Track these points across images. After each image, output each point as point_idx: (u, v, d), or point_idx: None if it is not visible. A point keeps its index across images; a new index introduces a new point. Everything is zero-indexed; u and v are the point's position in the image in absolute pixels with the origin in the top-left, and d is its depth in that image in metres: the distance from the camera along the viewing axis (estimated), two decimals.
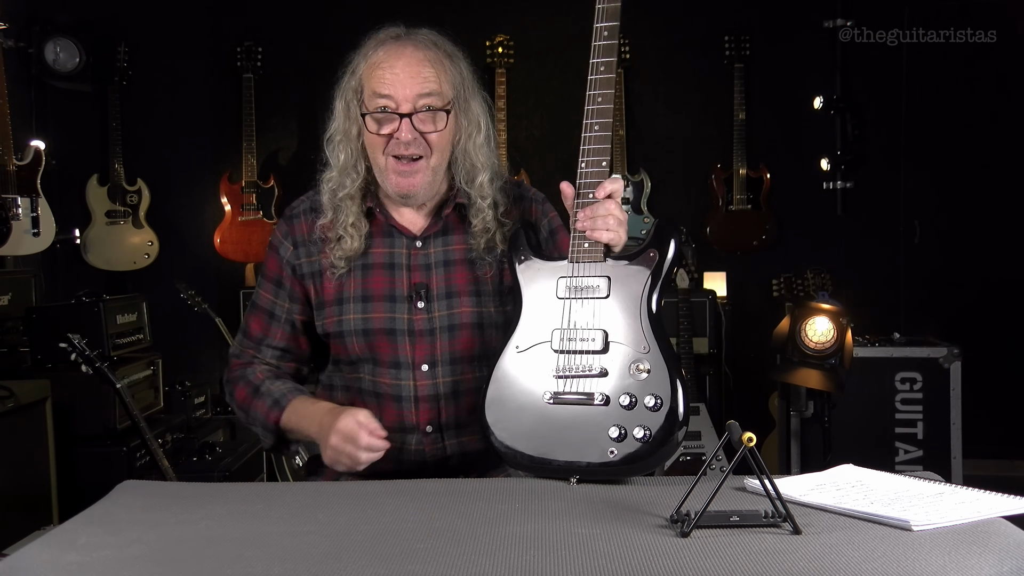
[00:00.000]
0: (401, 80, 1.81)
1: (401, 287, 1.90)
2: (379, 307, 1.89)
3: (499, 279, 1.92)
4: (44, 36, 4.31)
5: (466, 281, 1.91)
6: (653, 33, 5.04)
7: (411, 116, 1.81)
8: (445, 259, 1.92)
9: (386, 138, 1.83)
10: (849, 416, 3.89)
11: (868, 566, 1.22)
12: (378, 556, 1.30)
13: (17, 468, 3.06)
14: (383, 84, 1.82)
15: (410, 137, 1.82)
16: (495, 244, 1.91)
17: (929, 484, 1.57)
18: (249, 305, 2.02)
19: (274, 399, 1.91)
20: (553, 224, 1.99)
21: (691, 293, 4.29)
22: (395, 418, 1.90)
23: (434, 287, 1.90)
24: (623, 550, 1.30)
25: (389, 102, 1.82)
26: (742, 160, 4.88)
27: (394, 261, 1.91)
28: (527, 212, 1.97)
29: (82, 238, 4.64)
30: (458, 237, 1.93)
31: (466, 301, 1.90)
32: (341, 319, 1.90)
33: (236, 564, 1.28)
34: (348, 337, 1.90)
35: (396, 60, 1.83)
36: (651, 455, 1.63)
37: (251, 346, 1.99)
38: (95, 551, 1.34)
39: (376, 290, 1.90)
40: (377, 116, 1.83)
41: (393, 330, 1.89)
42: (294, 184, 4.87)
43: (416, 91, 1.82)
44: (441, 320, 1.89)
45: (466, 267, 1.92)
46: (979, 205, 4.86)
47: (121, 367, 3.43)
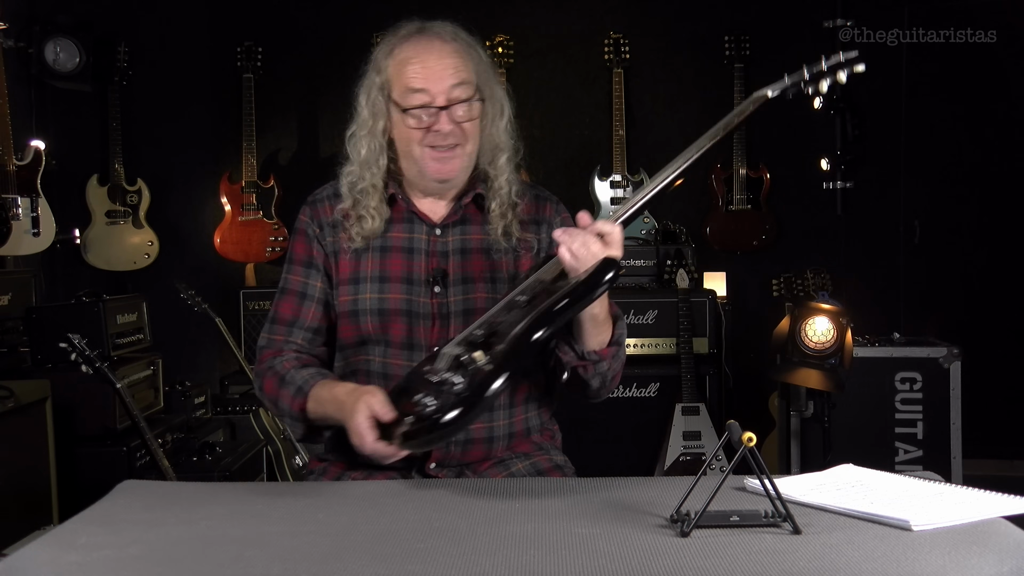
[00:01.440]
0: (436, 73, 1.84)
1: (419, 271, 1.92)
2: (396, 288, 1.91)
3: (514, 268, 1.95)
4: (44, 36, 4.30)
5: (482, 268, 1.94)
6: (653, 33, 5.04)
7: (447, 108, 1.84)
8: (463, 247, 1.95)
9: (424, 131, 1.86)
10: (849, 416, 3.89)
11: (868, 566, 1.22)
12: (378, 556, 1.30)
13: (17, 468, 3.06)
14: (417, 79, 1.84)
15: (448, 129, 1.85)
16: (511, 232, 1.93)
17: (929, 484, 1.57)
18: (277, 293, 2.00)
19: (297, 386, 1.89)
20: (567, 223, 1.98)
21: (691, 293, 4.29)
22: None
23: (451, 273, 1.93)
24: (623, 550, 1.30)
25: (425, 96, 1.84)
26: (742, 160, 4.88)
27: (413, 246, 1.94)
28: (542, 209, 2.00)
29: (82, 238, 4.64)
30: (476, 227, 1.96)
31: (481, 287, 1.92)
32: (356, 298, 1.92)
33: (236, 564, 1.28)
34: (363, 316, 1.91)
35: (427, 54, 1.85)
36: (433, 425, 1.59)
37: (281, 332, 1.97)
38: (95, 551, 1.34)
39: (394, 271, 1.92)
40: (416, 112, 1.84)
41: (410, 312, 1.91)
42: (294, 184, 4.87)
43: (450, 83, 1.84)
44: (456, 305, 1.91)
45: (482, 255, 1.94)
46: (979, 205, 4.86)
47: (121, 367, 3.43)
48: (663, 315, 4.30)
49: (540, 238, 1.97)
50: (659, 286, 4.44)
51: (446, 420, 1.52)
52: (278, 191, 4.90)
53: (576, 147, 5.01)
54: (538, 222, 1.98)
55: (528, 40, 4.95)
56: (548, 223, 1.98)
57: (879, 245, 4.91)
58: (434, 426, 1.54)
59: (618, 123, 4.87)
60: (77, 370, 3.11)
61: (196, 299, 4.24)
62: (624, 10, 5.06)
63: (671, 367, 4.23)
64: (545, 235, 1.97)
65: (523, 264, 1.94)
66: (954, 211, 4.88)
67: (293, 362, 1.94)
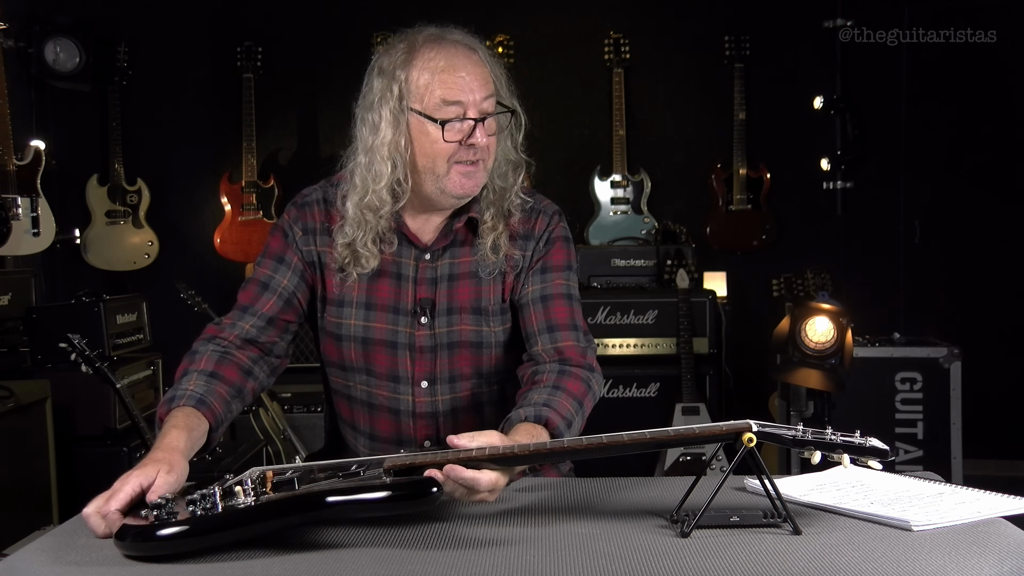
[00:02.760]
0: (470, 85, 1.75)
1: (406, 300, 1.86)
2: (382, 317, 1.85)
3: (500, 296, 1.88)
4: (44, 36, 4.31)
5: (468, 297, 1.87)
6: (653, 33, 5.04)
7: (483, 121, 1.77)
8: (451, 272, 1.87)
9: (455, 145, 1.76)
10: (849, 416, 3.88)
11: (868, 566, 1.22)
12: (378, 556, 1.30)
13: (17, 468, 3.06)
14: (453, 91, 1.75)
15: (484, 142, 1.77)
16: (500, 246, 1.85)
17: (929, 484, 1.57)
18: (243, 283, 1.93)
19: (174, 395, 1.72)
20: (553, 235, 1.92)
21: (691, 293, 4.29)
22: (392, 430, 1.89)
23: (437, 302, 1.86)
24: (623, 550, 1.30)
25: (459, 109, 1.75)
26: (742, 160, 4.88)
27: (401, 272, 1.87)
28: (533, 224, 1.92)
29: (82, 238, 4.64)
30: (465, 250, 1.88)
31: (466, 319, 1.86)
32: (341, 321, 1.87)
33: (236, 564, 1.28)
34: (346, 342, 1.86)
35: (460, 65, 1.76)
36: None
37: (232, 315, 1.88)
38: (95, 551, 1.34)
39: (380, 299, 1.86)
40: (453, 124, 1.75)
41: (395, 343, 1.85)
42: (294, 184, 4.86)
43: (482, 95, 1.77)
44: (440, 337, 1.86)
45: (469, 282, 1.87)
46: (979, 205, 4.85)
47: (121, 367, 3.43)
48: (663, 315, 4.30)
49: (526, 255, 1.89)
50: (659, 286, 4.44)
51: (162, 534, 1.31)
52: (278, 191, 4.90)
53: (576, 147, 5.01)
54: (526, 237, 1.90)
55: (528, 40, 4.95)
56: (535, 239, 1.90)
57: (879, 245, 4.91)
58: (146, 535, 1.32)
59: (618, 123, 4.87)
60: (77, 370, 3.11)
61: (196, 299, 4.24)
62: (624, 10, 5.06)
63: (671, 367, 4.23)
64: (531, 252, 1.89)
65: (507, 284, 1.87)
66: (954, 211, 4.88)
67: (216, 355, 1.82)
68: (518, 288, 1.89)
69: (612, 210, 4.88)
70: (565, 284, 1.89)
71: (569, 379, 1.77)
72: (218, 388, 1.76)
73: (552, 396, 1.71)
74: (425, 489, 1.33)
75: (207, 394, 1.72)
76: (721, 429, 1.39)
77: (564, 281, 1.89)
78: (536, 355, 1.84)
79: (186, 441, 1.59)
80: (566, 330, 1.85)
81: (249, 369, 1.84)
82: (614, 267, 4.53)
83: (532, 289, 1.87)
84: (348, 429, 1.97)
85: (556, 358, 1.82)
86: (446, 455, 1.41)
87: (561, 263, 1.90)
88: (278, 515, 1.33)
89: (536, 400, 1.70)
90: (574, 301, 1.89)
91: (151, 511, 1.34)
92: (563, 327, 1.85)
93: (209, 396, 1.72)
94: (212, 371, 1.78)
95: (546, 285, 1.88)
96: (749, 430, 1.37)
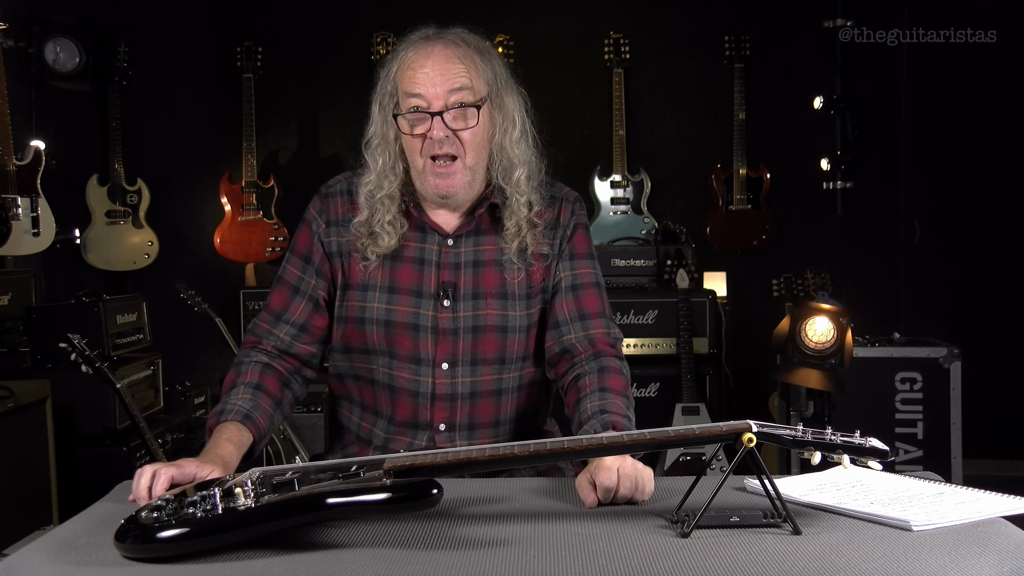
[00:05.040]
0: (431, 78, 1.80)
1: (429, 283, 1.90)
2: (404, 300, 1.89)
3: (527, 282, 1.92)
4: (44, 36, 4.30)
5: (494, 283, 1.90)
6: (653, 33, 5.04)
7: (442, 114, 1.80)
8: (475, 259, 1.91)
9: (421, 139, 1.82)
10: (849, 416, 3.88)
11: (868, 566, 1.22)
12: (378, 556, 1.30)
13: (17, 468, 3.06)
14: (414, 84, 1.80)
15: (442, 135, 1.80)
16: (526, 246, 1.90)
17: (929, 484, 1.57)
18: (275, 279, 1.98)
19: (223, 409, 1.82)
20: (576, 221, 1.98)
21: (691, 293, 4.29)
22: (409, 413, 1.90)
23: (461, 287, 1.90)
24: (623, 550, 1.30)
25: (420, 101, 1.80)
26: (742, 160, 4.88)
27: (424, 257, 1.91)
28: (558, 213, 1.96)
29: (82, 238, 4.64)
30: (490, 238, 1.92)
31: (492, 303, 1.90)
32: (364, 305, 1.90)
33: (236, 564, 1.28)
34: (369, 325, 1.89)
35: (426, 59, 1.81)
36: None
37: (267, 320, 1.94)
38: (95, 551, 1.34)
39: (403, 283, 1.90)
40: (409, 116, 1.82)
41: (416, 325, 1.88)
42: (294, 184, 4.87)
43: (446, 88, 1.80)
44: (466, 320, 1.89)
45: (495, 269, 1.91)
46: (979, 205, 4.86)
47: (121, 367, 3.43)
48: (663, 315, 4.30)
49: (554, 243, 1.93)
50: (659, 286, 4.44)
51: (162, 536, 1.32)
52: (278, 191, 4.90)
53: (576, 147, 5.01)
54: (552, 226, 1.94)
55: (528, 40, 4.95)
56: (562, 227, 1.94)
57: (879, 245, 4.91)
58: (146, 536, 1.33)
59: (618, 123, 4.87)
60: (77, 370, 3.11)
61: (196, 299, 4.24)
62: (624, 10, 5.06)
63: (671, 367, 4.23)
64: (558, 240, 1.94)
65: (535, 273, 1.91)
66: (954, 211, 4.88)
67: (259, 366, 1.90)
68: (550, 277, 1.94)
69: (612, 210, 4.88)
70: (593, 272, 1.97)
71: (609, 376, 1.87)
72: (263, 402, 1.86)
73: (603, 400, 1.82)
74: (426, 491, 1.33)
75: (253, 409, 1.83)
76: (721, 429, 1.41)
77: (591, 269, 1.97)
78: (569, 344, 1.91)
79: (235, 455, 1.73)
80: (597, 318, 1.93)
81: (287, 380, 1.93)
82: (614, 267, 4.53)
83: (563, 276, 1.94)
84: (368, 415, 1.97)
85: (590, 350, 1.90)
86: (446, 455, 1.42)
87: (585, 251, 1.97)
88: (278, 517, 1.34)
89: (590, 409, 1.81)
90: (602, 289, 1.98)
91: (151, 512, 1.35)
92: (594, 315, 1.93)
93: (255, 412, 1.83)
94: (257, 383, 1.88)
95: (576, 273, 1.95)
96: (749, 430, 1.38)
